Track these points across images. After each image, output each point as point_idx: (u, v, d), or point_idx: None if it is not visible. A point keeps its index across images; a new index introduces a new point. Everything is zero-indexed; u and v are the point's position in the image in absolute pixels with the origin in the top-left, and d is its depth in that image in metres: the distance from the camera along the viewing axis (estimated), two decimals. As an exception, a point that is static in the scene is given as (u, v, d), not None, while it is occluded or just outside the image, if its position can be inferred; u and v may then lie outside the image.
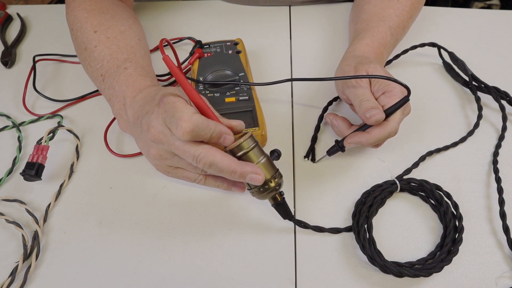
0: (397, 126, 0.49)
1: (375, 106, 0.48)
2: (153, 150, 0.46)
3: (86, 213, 0.50)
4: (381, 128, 0.48)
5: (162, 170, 0.48)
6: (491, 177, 0.52)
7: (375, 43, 0.58)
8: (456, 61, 0.63)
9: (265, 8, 0.77)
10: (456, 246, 0.45)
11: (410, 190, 0.50)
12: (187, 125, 0.40)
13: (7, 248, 0.48)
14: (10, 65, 0.69)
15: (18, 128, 0.59)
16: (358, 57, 0.55)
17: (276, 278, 0.45)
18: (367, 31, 0.60)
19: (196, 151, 0.42)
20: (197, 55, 0.62)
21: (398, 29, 0.62)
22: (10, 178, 0.54)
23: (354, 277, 0.45)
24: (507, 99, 0.58)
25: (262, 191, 0.44)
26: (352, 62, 0.53)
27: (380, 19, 0.61)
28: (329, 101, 0.60)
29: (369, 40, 0.58)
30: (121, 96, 0.52)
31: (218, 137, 0.43)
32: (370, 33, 0.59)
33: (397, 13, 0.62)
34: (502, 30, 0.72)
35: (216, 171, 0.42)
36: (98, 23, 0.59)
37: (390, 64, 0.65)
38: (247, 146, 0.44)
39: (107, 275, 0.46)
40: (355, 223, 0.47)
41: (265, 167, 0.44)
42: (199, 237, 0.48)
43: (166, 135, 0.43)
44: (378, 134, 0.48)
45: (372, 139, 0.48)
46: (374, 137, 0.48)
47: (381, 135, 0.48)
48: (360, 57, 0.55)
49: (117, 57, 0.55)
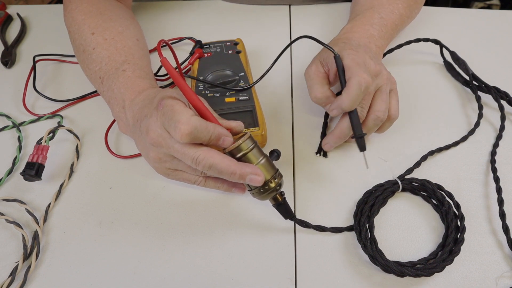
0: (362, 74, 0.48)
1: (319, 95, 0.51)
2: (152, 153, 0.46)
3: (86, 213, 0.50)
4: (347, 88, 0.48)
5: (162, 172, 0.48)
6: (490, 176, 0.52)
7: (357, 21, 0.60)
8: (457, 60, 0.63)
9: (265, 8, 0.77)
10: (458, 246, 0.45)
11: (412, 190, 0.50)
12: (185, 128, 0.40)
13: (7, 248, 0.48)
14: (10, 65, 0.69)
15: (18, 128, 0.59)
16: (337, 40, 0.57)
17: (276, 278, 0.45)
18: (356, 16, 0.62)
19: (195, 154, 0.42)
20: (197, 55, 0.62)
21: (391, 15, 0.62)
22: (10, 178, 0.54)
23: (355, 276, 0.45)
24: (507, 99, 0.58)
25: (262, 192, 0.44)
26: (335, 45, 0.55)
27: (370, 7, 0.62)
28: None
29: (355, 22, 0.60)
30: (120, 99, 0.52)
31: (217, 139, 0.43)
32: (358, 17, 0.61)
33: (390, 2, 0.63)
34: (502, 30, 0.72)
35: (216, 172, 0.42)
36: (95, 25, 0.59)
37: (392, 53, 0.64)
38: (246, 147, 0.43)
39: (107, 275, 0.45)
40: (357, 222, 0.47)
41: (264, 168, 0.44)
42: (199, 237, 0.48)
43: (165, 138, 0.43)
44: (349, 92, 0.48)
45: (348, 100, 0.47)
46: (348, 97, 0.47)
47: (351, 91, 0.47)
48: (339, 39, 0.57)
49: (115, 59, 0.55)
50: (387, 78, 0.52)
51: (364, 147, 0.49)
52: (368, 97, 0.50)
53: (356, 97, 0.48)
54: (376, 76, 0.50)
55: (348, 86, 0.48)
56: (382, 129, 0.53)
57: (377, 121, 0.51)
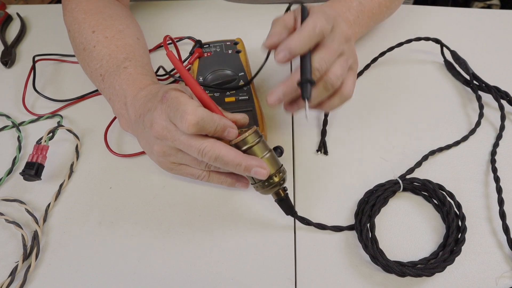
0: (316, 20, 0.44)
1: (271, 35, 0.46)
2: (156, 146, 0.45)
3: (86, 213, 0.50)
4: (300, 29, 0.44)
5: (165, 167, 0.48)
6: (490, 176, 0.52)
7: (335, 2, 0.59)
8: (457, 60, 0.63)
9: (265, 6, 0.77)
10: (459, 246, 0.44)
11: (413, 190, 0.50)
12: (192, 118, 0.40)
13: (7, 248, 0.48)
14: (10, 65, 0.69)
15: (18, 128, 0.59)
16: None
17: (276, 277, 0.45)
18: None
19: (202, 145, 0.42)
20: (197, 55, 0.62)
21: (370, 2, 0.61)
22: (10, 178, 0.54)
23: (356, 276, 0.44)
24: (507, 99, 0.58)
25: (266, 186, 0.44)
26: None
27: None
28: None
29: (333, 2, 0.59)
30: (122, 95, 0.52)
31: (222, 130, 0.43)
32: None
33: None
34: (502, 30, 0.72)
35: (222, 164, 0.42)
36: (95, 23, 0.59)
37: (392, 51, 0.64)
38: (252, 141, 0.44)
39: (107, 275, 0.45)
40: (358, 222, 0.47)
41: (269, 162, 0.44)
42: (199, 237, 0.48)
43: (171, 131, 0.43)
44: (301, 31, 0.43)
45: (299, 37, 0.43)
46: (300, 34, 0.43)
47: (303, 30, 0.43)
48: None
49: (116, 56, 0.55)
50: (353, 52, 0.48)
51: (309, 95, 0.43)
52: (327, 52, 0.44)
53: (307, 38, 0.43)
54: (345, 40, 0.46)
55: (302, 26, 0.43)
56: (330, 104, 0.48)
57: (328, 85, 0.45)
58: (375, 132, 0.56)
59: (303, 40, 0.43)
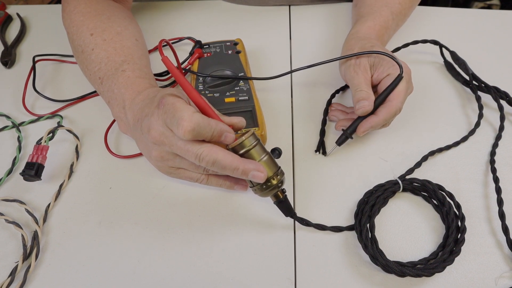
0: (401, 105, 0.51)
1: (365, 97, 0.51)
2: (154, 152, 0.46)
3: (86, 213, 0.50)
4: (387, 109, 0.51)
5: (164, 171, 0.48)
6: (489, 176, 0.52)
7: (377, 25, 0.60)
8: (457, 60, 0.63)
9: (265, 8, 0.77)
10: (459, 246, 0.44)
11: (413, 190, 0.50)
12: (188, 124, 0.40)
13: (7, 248, 0.48)
14: (10, 65, 0.69)
15: (18, 128, 0.59)
16: (361, 39, 0.57)
17: (276, 278, 0.45)
18: (370, 14, 0.62)
19: (199, 150, 0.42)
20: (196, 55, 0.62)
21: (399, 16, 0.64)
22: (9, 178, 0.54)
23: (356, 276, 0.44)
24: (507, 99, 0.58)
25: (264, 189, 0.44)
26: (355, 44, 0.56)
27: (383, 4, 0.63)
28: (332, 94, 0.60)
29: (371, 23, 0.60)
30: (120, 99, 0.52)
31: (219, 135, 0.43)
32: (372, 16, 0.61)
33: (399, 0, 0.64)
34: (502, 30, 0.72)
35: (219, 168, 0.42)
36: (94, 26, 0.58)
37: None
38: (249, 144, 0.44)
39: (107, 275, 0.45)
40: (358, 222, 0.47)
41: (267, 165, 0.44)
42: (199, 237, 0.48)
43: (168, 136, 0.43)
44: (385, 115, 0.51)
45: (381, 121, 0.51)
46: (382, 118, 0.51)
47: (387, 115, 0.51)
48: (363, 39, 0.57)
49: (115, 59, 0.55)
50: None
51: (339, 143, 0.54)
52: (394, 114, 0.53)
53: (387, 120, 0.51)
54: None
55: (388, 107, 0.51)
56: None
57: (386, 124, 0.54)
58: (375, 132, 0.56)
59: (384, 121, 0.51)
